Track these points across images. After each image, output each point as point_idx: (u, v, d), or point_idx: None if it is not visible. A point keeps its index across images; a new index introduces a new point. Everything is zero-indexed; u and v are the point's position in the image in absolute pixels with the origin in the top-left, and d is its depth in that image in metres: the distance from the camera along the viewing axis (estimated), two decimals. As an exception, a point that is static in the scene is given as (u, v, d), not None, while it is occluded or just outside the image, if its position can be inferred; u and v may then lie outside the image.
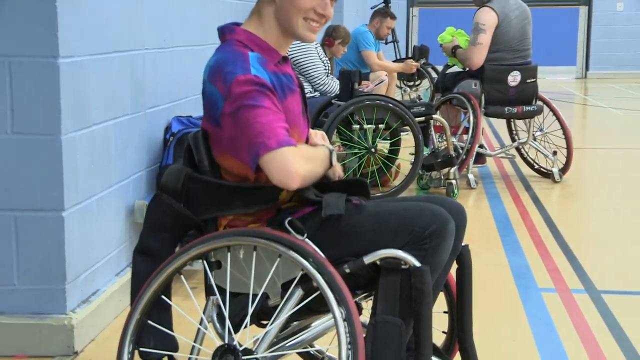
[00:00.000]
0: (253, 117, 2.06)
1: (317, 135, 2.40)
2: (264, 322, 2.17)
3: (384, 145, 5.64)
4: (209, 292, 2.18)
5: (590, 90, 14.04)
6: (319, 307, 2.06)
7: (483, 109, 5.91)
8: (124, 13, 3.43)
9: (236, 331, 2.10)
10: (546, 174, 6.27)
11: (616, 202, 5.62)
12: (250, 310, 2.09)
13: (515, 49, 5.97)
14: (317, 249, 2.08)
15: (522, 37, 5.99)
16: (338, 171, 2.29)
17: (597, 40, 16.25)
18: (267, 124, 2.06)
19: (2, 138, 2.87)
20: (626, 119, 10.09)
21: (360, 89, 5.91)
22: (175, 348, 2.21)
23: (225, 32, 2.26)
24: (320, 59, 6.41)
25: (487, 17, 5.85)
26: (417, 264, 2.10)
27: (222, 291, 2.14)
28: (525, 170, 6.53)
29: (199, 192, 2.18)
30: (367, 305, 2.24)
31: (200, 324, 2.16)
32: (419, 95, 9.86)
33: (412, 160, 5.44)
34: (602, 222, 5.17)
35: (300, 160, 2.06)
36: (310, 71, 6.27)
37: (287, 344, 2.18)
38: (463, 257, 2.35)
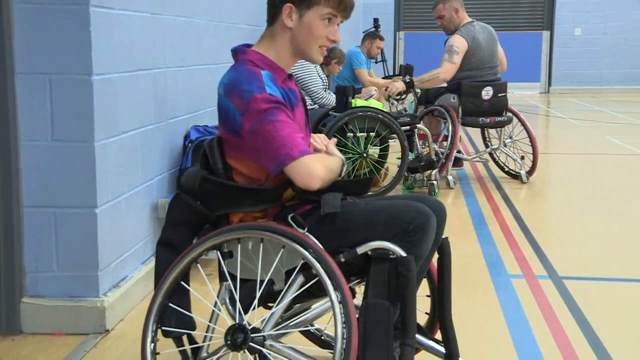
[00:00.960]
0: (274, 130, 2.05)
1: (325, 140, 2.39)
2: (270, 305, 2.17)
3: (374, 151, 5.63)
4: (222, 278, 2.17)
5: (552, 104, 14.02)
6: (317, 291, 2.05)
7: (460, 120, 5.90)
8: (149, 36, 3.42)
9: (246, 312, 2.10)
10: (515, 176, 6.26)
11: (576, 200, 5.61)
12: (258, 294, 2.08)
13: (487, 67, 5.96)
14: (316, 241, 2.07)
15: (491, 55, 5.98)
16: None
17: (558, 60, 16.25)
18: (287, 137, 2.05)
19: (43, 145, 2.87)
20: (583, 128, 10.09)
21: (354, 102, 5.90)
22: (193, 327, 2.20)
23: (238, 52, 2.25)
24: (319, 76, 6.40)
25: (460, 43, 5.85)
26: (403, 254, 2.08)
27: (233, 278, 2.13)
28: (497, 172, 6.52)
29: (213, 192, 2.17)
30: (360, 290, 2.23)
31: (215, 306, 2.16)
32: (405, 108, 9.82)
33: (399, 164, 5.44)
34: (564, 217, 5.16)
35: (319, 165, 2.07)
36: (310, 86, 6.26)
37: (291, 324, 2.18)
38: (443, 248, 2.35)
